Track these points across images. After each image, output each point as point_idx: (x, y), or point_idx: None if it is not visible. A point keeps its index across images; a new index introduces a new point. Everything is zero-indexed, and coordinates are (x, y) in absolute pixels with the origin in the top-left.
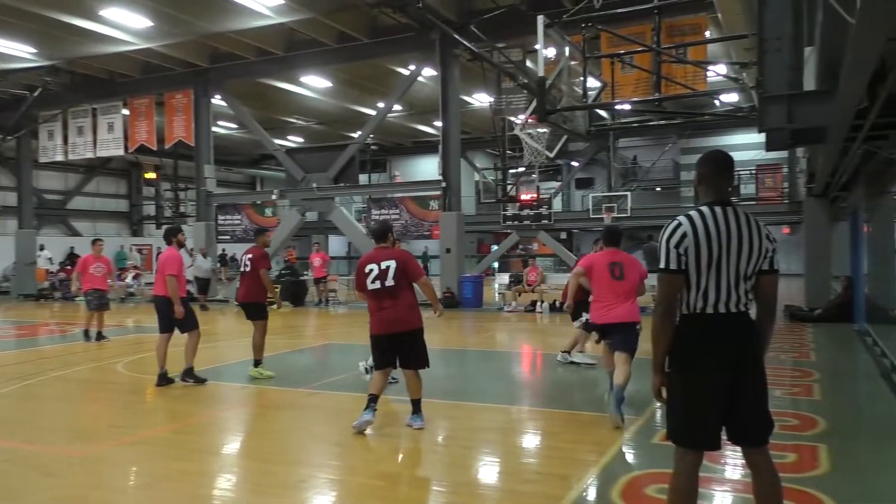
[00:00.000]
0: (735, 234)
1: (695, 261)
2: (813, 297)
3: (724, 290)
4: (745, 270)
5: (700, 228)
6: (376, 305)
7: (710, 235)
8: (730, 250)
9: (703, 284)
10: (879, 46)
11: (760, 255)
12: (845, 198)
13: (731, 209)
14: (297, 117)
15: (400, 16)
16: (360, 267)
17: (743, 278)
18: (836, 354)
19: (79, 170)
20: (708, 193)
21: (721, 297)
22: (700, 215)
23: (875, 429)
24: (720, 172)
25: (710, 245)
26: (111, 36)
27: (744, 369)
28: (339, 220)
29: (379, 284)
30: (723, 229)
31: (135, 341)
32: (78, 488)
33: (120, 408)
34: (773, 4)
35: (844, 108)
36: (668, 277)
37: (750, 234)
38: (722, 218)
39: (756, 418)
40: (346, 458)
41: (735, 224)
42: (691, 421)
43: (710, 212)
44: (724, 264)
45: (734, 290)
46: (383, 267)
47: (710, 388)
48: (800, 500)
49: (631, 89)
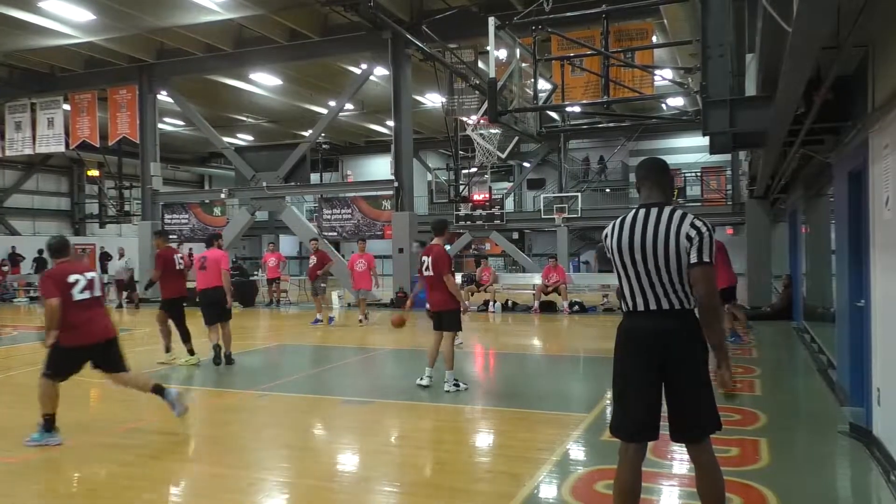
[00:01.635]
0: (642, 234)
1: (615, 259)
2: (755, 295)
3: (638, 288)
4: (661, 268)
5: (616, 230)
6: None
7: (622, 236)
8: (640, 249)
9: (624, 282)
10: (814, 54)
11: (676, 252)
12: (785, 200)
13: (656, 209)
14: (246, 115)
15: (351, 14)
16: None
17: (660, 276)
18: (776, 351)
19: (17, 166)
20: (643, 194)
21: (637, 294)
22: (622, 219)
23: (813, 423)
24: (646, 177)
25: (621, 245)
26: (52, 29)
27: (671, 366)
28: (289, 220)
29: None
30: (637, 230)
31: None
32: (19, 496)
33: (62, 412)
34: (714, 12)
35: (782, 113)
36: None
37: (667, 233)
38: (642, 220)
39: (687, 415)
40: (296, 461)
41: (653, 224)
42: (621, 413)
43: (632, 215)
44: (637, 263)
45: (651, 287)
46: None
47: (635, 382)
48: (742, 493)
49: (581, 92)
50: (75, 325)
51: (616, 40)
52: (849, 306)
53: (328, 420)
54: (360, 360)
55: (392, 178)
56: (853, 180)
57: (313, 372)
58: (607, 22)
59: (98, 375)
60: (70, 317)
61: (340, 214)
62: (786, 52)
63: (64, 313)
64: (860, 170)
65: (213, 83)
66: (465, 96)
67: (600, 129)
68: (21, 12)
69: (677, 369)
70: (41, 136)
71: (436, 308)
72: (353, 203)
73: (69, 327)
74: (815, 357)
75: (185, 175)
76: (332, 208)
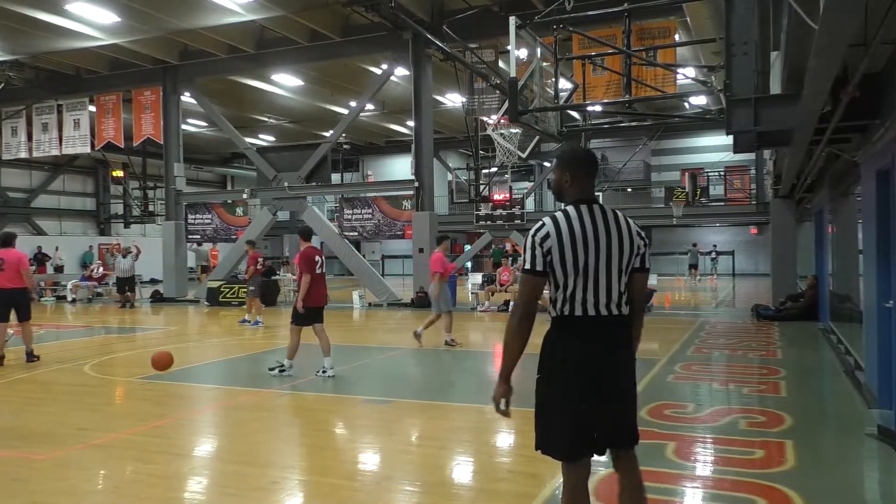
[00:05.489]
0: (604, 234)
1: (560, 262)
2: (779, 295)
3: (593, 291)
4: (618, 270)
5: (565, 229)
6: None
7: (575, 236)
8: (599, 250)
9: (572, 286)
10: (842, 52)
11: (633, 254)
12: (810, 199)
13: (599, 207)
14: (268, 115)
15: (372, 15)
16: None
17: (616, 278)
18: (801, 352)
19: (44, 167)
20: (574, 192)
21: (590, 298)
22: (565, 215)
23: (839, 425)
24: (588, 170)
25: (576, 245)
26: (77, 31)
27: (610, 373)
28: (310, 220)
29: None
30: (589, 229)
31: (103, 342)
32: (44, 493)
33: (87, 410)
34: (739, 10)
35: (808, 111)
36: (531, 279)
37: (620, 233)
38: (589, 217)
39: (622, 422)
40: (317, 459)
41: (603, 223)
42: (560, 430)
43: (576, 212)
44: (594, 265)
45: (606, 291)
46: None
47: (578, 394)
48: (767, 495)
49: (602, 91)
50: None
51: (638, 39)
52: (877, 307)
53: (349, 419)
54: (382, 359)
55: (412, 178)
56: (881, 179)
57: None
58: (629, 20)
59: (118, 374)
60: None
61: (361, 214)
62: (812, 50)
63: None
64: (888, 168)
65: (235, 84)
66: (485, 96)
67: (622, 128)
68: (47, 15)
69: (618, 376)
70: (67, 138)
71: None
72: (374, 203)
73: None
74: (841, 358)
75: (208, 175)
76: (353, 208)
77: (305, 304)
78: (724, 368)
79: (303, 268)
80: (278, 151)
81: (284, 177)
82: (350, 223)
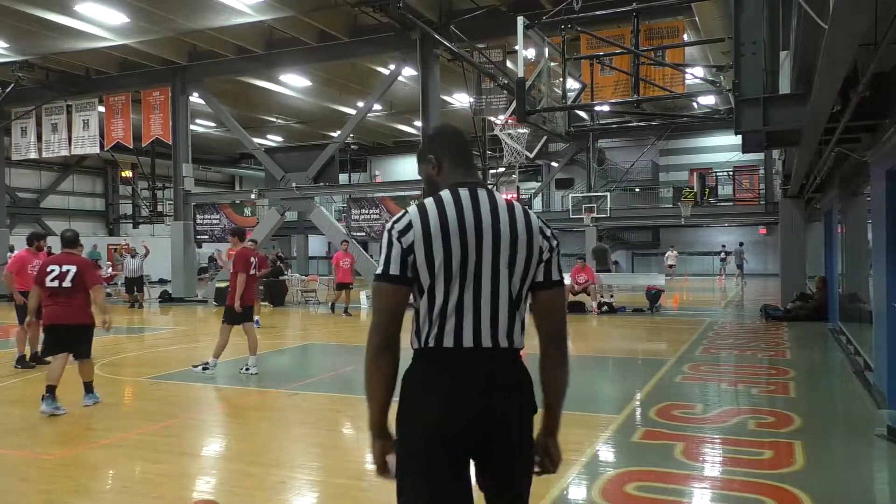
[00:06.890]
0: (490, 226)
1: (425, 262)
2: (789, 296)
3: (472, 309)
4: (508, 278)
5: (434, 217)
6: None
7: (448, 226)
8: (481, 248)
9: (441, 299)
10: (852, 51)
11: (531, 258)
12: (820, 199)
13: (487, 192)
14: (276, 116)
15: (380, 15)
16: None
17: (505, 292)
18: (810, 353)
19: (53, 168)
20: (450, 175)
21: (467, 321)
22: (436, 201)
23: (849, 425)
24: (461, 148)
25: (449, 239)
26: (87, 32)
27: (490, 439)
28: (318, 220)
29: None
30: (469, 218)
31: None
32: (54, 493)
33: (96, 410)
34: (748, 9)
35: (818, 111)
36: (386, 288)
37: (514, 227)
38: (470, 203)
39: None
40: (326, 460)
41: (490, 212)
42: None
43: (451, 196)
44: (474, 268)
45: (490, 310)
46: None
47: (438, 464)
48: (776, 496)
49: (610, 91)
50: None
51: (646, 38)
52: (886, 307)
53: (357, 419)
54: None
55: (420, 178)
56: (891, 179)
57: (342, 371)
58: (638, 20)
59: (127, 374)
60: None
61: (368, 214)
62: (822, 50)
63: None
64: None
65: (243, 85)
66: (493, 96)
67: (630, 128)
68: (57, 15)
69: (504, 445)
70: (77, 138)
71: None
72: (381, 203)
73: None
74: (851, 359)
75: (217, 176)
76: (361, 208)
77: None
78: (732, 369)
79: (239, 267)
80: (286, 152)
81: (292, 177)
82: (358, 223)
